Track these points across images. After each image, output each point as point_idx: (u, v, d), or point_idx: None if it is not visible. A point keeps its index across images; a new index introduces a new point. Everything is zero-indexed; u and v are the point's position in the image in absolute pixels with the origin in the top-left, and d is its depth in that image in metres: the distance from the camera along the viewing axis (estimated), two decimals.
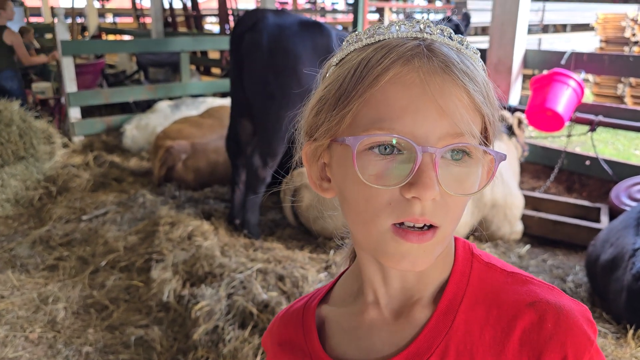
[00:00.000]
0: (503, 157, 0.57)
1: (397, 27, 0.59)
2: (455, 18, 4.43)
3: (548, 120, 4.15)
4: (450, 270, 0.65)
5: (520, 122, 3.93)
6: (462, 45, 0.59)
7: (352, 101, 0.56)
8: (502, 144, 3.66)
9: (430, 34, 0.58)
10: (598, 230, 3.34)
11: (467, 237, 3.18)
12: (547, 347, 0.58)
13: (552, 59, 4.71)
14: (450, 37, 0.59)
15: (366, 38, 0.60)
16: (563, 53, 4.59)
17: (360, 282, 0.68)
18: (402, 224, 0.55)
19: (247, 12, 3.58)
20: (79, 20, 9.56)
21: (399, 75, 0.54)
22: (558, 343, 0.57)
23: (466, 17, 4.50)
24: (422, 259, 0.56)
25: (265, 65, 3.25)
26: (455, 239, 0.67)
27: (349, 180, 0.58)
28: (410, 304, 0.64)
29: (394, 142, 0.54)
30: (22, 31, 7.90)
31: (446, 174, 0.55)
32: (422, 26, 0.59)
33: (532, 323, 0.59)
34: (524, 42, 4.87)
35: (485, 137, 0.59)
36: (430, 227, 0.55)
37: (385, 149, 0.55)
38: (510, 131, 3.85)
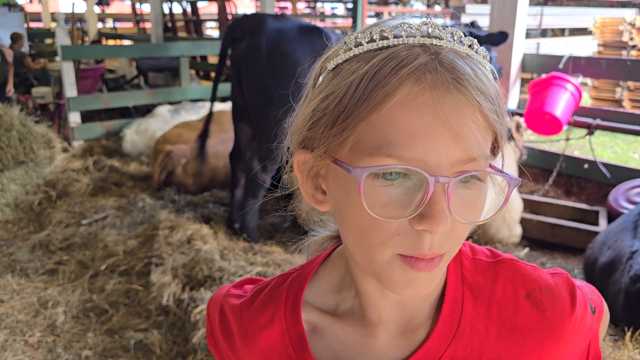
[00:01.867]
0: (518, 183, 0.54)
1: (402, 31, 0.53)
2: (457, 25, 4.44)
3: (546, 124, 4.16)
4: (444, 272, 0.64)
5: (518, 126, 3.94)
6: (473, 49, 0.54)
7: (355, 122, 0.50)
8: None
9: (440, 39, 0.53)
10: (596, 233, 3.34)
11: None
12: (549, 334, 0.61)
13: (550, 62, 4.73)
14: (460, 41, 0.54)
15: (367, 43, 0.54)
16: (561, 57, 4.61)
17: (352, 287, 0.65)
18: None
19: (247, 17, 3.60)
20: (79, 25, 9.59)
21: (410, 97, 0.49)
22: (558, 328, 0.61)
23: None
24: (427, 285, 0.54)
25: (265, 69, 3.27)
26: None
27: (349, 203, 0.53)
28: (413, 315, 0.63)
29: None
30: (14, 38, 7.88)
31: (456, 200, 0.51)
32: (430, 29, 0.53)
33: (532, 314, 0.62)
34: (522, 46, 4.89)
35: (495, 149, 0.57)
36: None
37: (391, 174, 0.50)
38: (508, 135, 3.86)
